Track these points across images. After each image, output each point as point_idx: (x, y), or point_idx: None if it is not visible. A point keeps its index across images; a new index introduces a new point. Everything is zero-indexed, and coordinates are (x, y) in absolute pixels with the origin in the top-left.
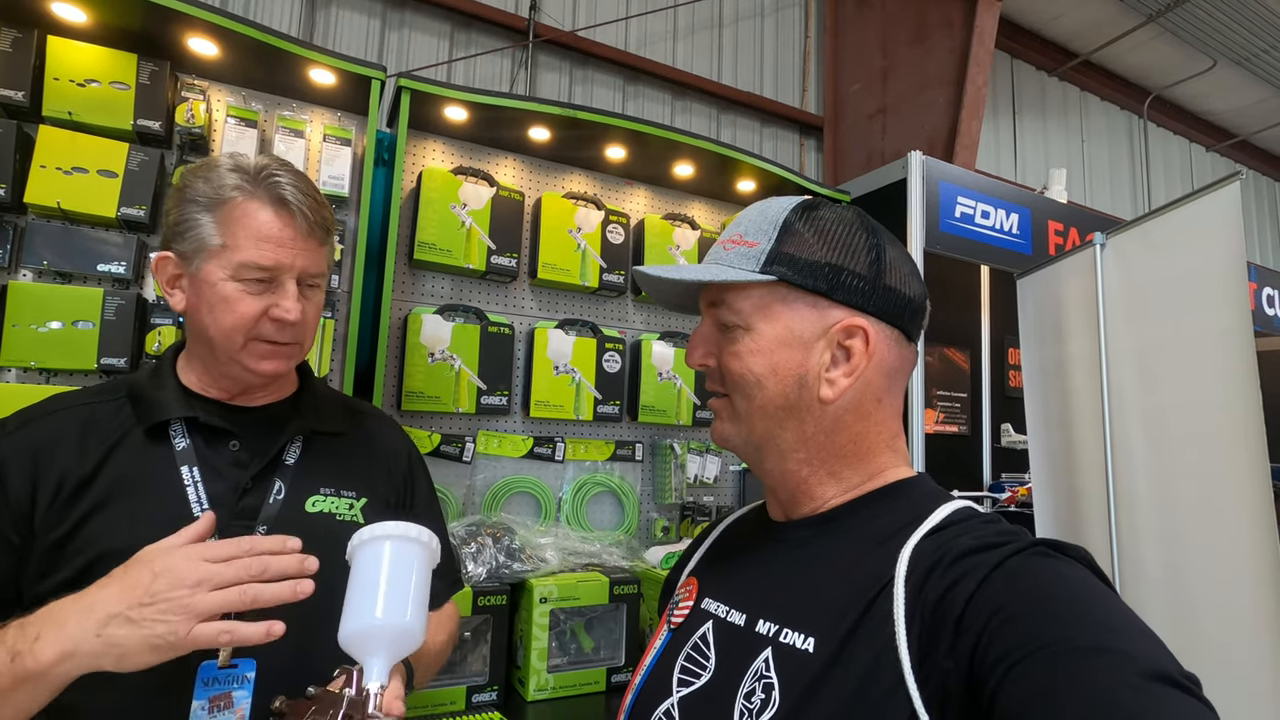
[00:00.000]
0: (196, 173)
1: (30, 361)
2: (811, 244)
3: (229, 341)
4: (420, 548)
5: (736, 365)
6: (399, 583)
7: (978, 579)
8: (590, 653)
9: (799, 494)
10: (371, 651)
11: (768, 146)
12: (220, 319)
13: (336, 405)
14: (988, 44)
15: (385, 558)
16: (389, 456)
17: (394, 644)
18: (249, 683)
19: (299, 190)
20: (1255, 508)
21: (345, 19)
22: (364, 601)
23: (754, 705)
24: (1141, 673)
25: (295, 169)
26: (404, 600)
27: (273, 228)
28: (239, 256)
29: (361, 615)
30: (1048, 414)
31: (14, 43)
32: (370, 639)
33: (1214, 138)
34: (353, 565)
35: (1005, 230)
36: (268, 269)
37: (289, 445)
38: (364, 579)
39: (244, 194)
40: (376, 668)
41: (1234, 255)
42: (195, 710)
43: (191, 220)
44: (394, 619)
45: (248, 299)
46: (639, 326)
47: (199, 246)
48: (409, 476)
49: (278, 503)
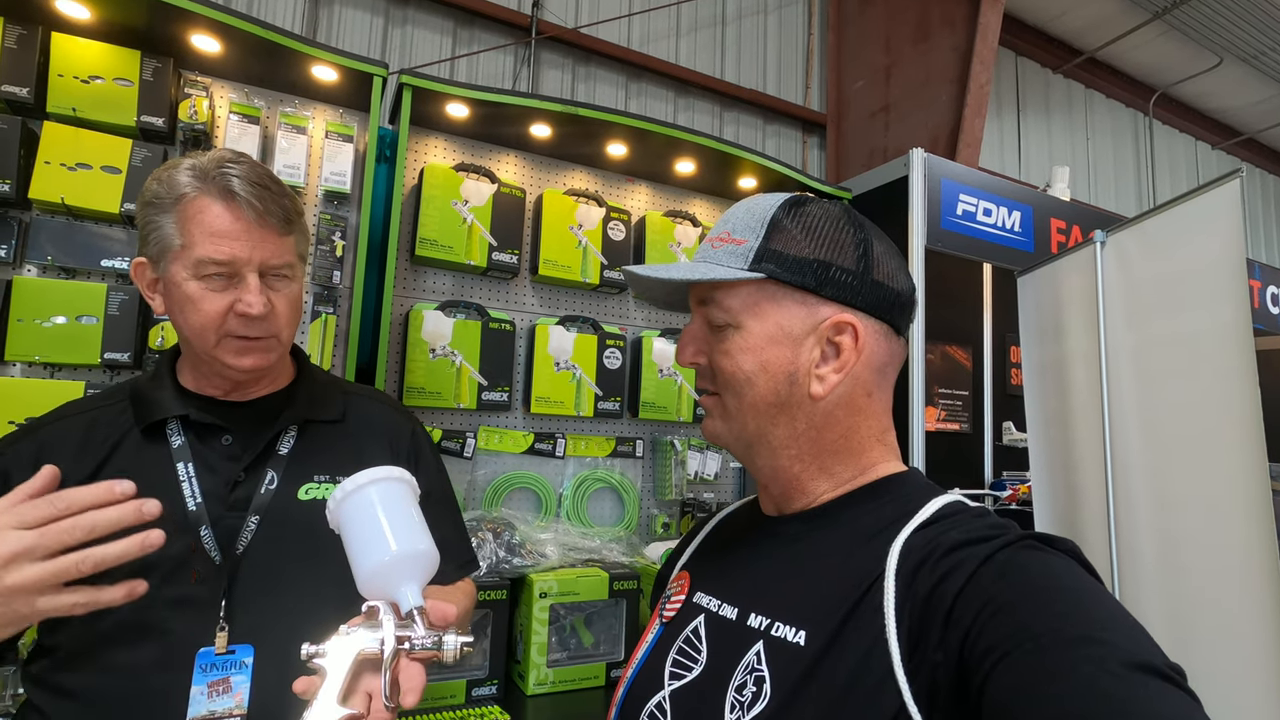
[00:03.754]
0: (156, 176)
1: (35, 356)
2: (799, 240)
3: (202, 340)
4: (403, 484)
5: (727, 364)
6: (398, 516)
7: (967, 572)
8: (590, 648)
9: (791, 489)
10: (399, 580)
11: (770, 144)
12: (190, 319)
13: (333, 392)
14: (991, 41)
15: (375, 500)
16: (390, 437)
17: (419, 567)
18: (247, 668)
19: (247, 181)
20: (1253, 506)
21: (348, 16)
22: (373, 543)
23: (745, 698)
24: (1126, 663)
25: (251, 160)
26: (410, 529)
27: (223, 221)
28: (195, 253)
29: (377, 554)
30: (1047, 412)
31: (19, 39)
32: (393, 571)
33: (1220, 135)
34: (342, 523)
35: (1007, 228)
36: (224, 264)
37: (282, 436)
38: (362, 526)
39: (196, 190)
40: (411, 592)
41: (1234, 253)
42: (194, 695)
43: (153, 223)
44: (408, 546)
45: (211, 296)
46: (640, 323)
47: (163, 249)
48: (414, 455)
49: (270, 492)
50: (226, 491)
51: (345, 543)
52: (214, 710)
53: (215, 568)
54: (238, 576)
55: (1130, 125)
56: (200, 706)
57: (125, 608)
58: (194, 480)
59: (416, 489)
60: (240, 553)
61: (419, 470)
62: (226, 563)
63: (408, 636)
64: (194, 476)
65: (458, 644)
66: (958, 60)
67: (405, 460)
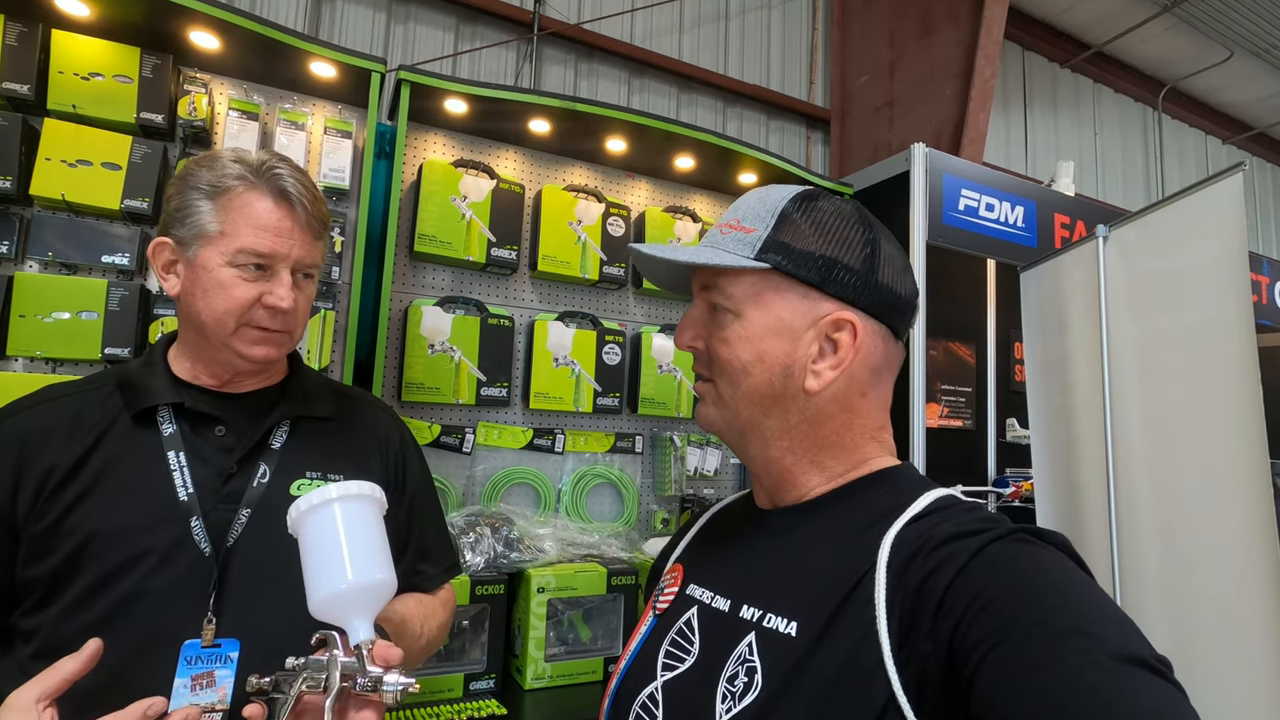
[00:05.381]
0: (200, 162)
1: (36, 351)
2: (808, 235)
3: (221, 326)
4: (369, 502)
5: (724, 351)
6: (359, 541)
7: (958, 565)
8: (588, 643)
9: (783, 481)
10: (351, 611)
11: (774, 140)
12: (214, 303)
13: (326, 391)
14: (996, 35)
15: (338, 520)
16: (380, 440)
17: (371, 599)
18: (232, 662)
19: (299, 184)
20: (1255, 502)
21: (350, 12)
22: (330, 567)
23: (737, 688)
24: (1114, 655)
25: (296, 165)
26: (369, 557)
27: (272, 217)
28: (237, 243)
29: (331, 581)
30: (1049, 408)
31: (19, 37)
32: (346, 601)
33: (1231, 130)
34: (301, 536)
35: (1010, 223)
36: (265, 256)
37: (275, 430)
38: (322, 546)
39: (245, 184)
40: (361, 626)
41: (1236, 247)
42: (177, 687)
43: (192, 206)
44: (364, 577)
45: (243, 284)
46: (639, 319)
47: (197, 232)
48: (401, 459)
49: (262, 486)
50: (219, 483)
51: (303, 557)
52: (196, 704)
53: (204, 560)
54: (228, 570)
55: (1139, 120)
56: (182, 699)
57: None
58: (185, 470)
59: (384, 504)
60: (230, 546)
61: (406, 473)
62: (216, 555)
63: (353, 676)
64: (185, 466)
65: (398, 686)
66: (962, 54)
67: (393, 462)
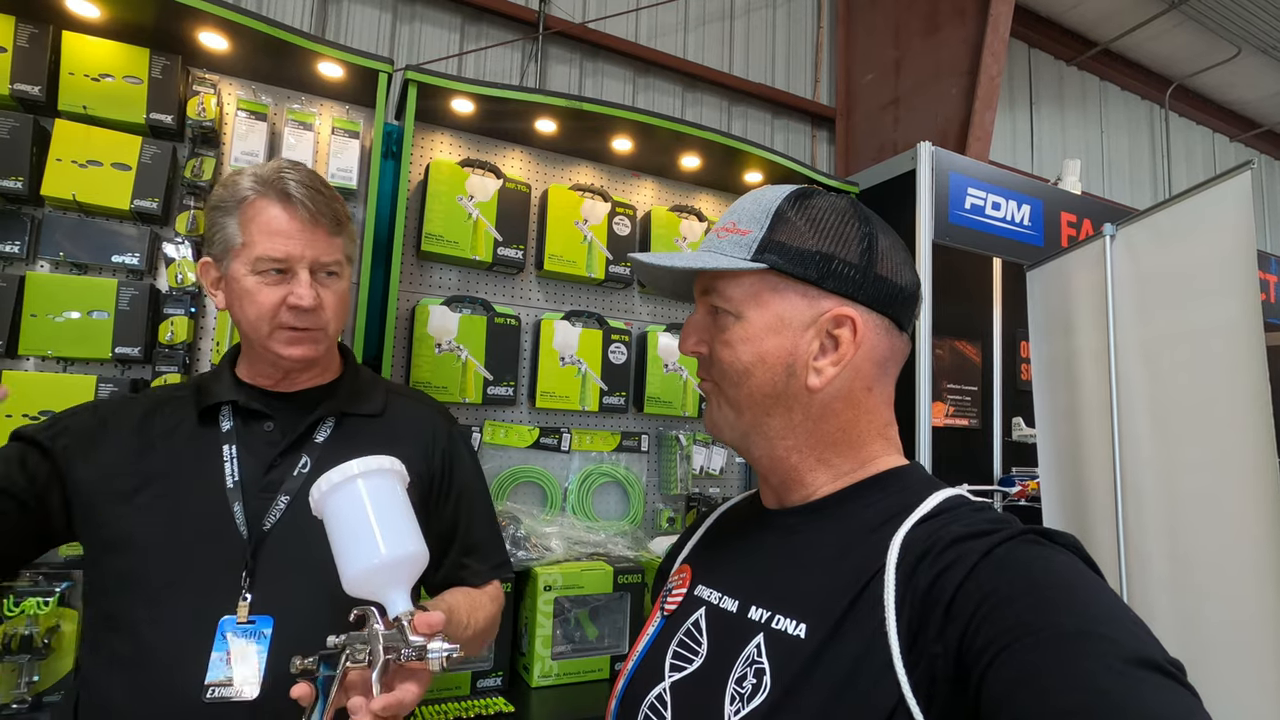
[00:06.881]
0: (222, 183)
1: (47, 350)
2: (803, 233)
3: (256, 331)
4: (391, 475)
5: (726, 354)
6: (388, 514)
7: (967, 566)
8: (594, 641)
9: (789, 481)
10: (387, 585)
11: (779, 138)
12: (247, 311)
13: (376, 389)
14: (1002, 33)
15: (364, 495)
16: (426, 436)
17: (405, 571)
18: (266, 638)
19: (303, 185)
20: (1262, 502)
21: (357, 13)
22: (362, 543)
23: (745, 690)
24: (1126, 658)
25: (307, 169)
26: (399, 529)
27: (281, 221)
28: (255, 251)
29: (366, 556)
30: (1056, 407)
31: (30, 38)
32: (381, 575)
33: (1238, 128)
34: (328, 513)
35: (1016, 222)
36: (280, 260)
37: (320, 425)
38: (351, 522)
39: (257, 194)
40: (399, 599)
41: (1245, 246)
42: (214, 660)
43: (218, 224)
44: (398, 550)
45: (266, 290)
46: (645, 318)
47: (226, 247)
48: (449, 456)
49: (301, 475)
50: (262, 473)
51: (330, 536)
52: (229, 676)
53: (242, 540)
54: (261, 551)
55: (1146, 117)
56: (219, 672)
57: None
58: (235, 461)
59: (406, 477)
60: (267, 529)
61: (454, 469)
62: (252, 537)
63: (396, 648)
64: (235, 457)
65: (443, 653)
66: (968, 53)
67: (440, 458)
